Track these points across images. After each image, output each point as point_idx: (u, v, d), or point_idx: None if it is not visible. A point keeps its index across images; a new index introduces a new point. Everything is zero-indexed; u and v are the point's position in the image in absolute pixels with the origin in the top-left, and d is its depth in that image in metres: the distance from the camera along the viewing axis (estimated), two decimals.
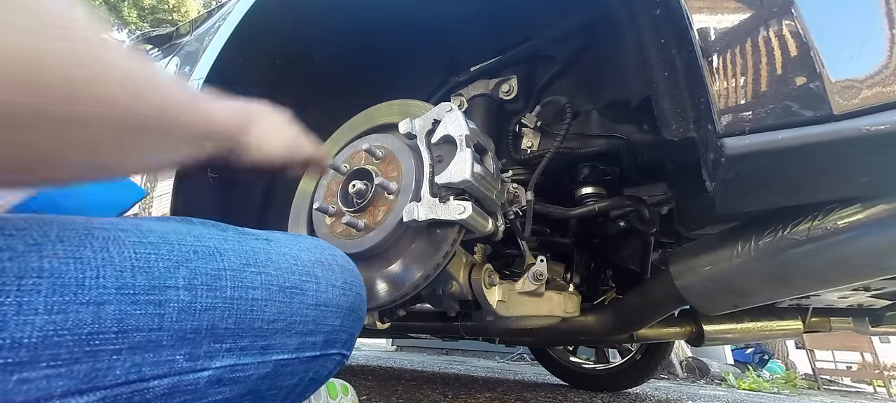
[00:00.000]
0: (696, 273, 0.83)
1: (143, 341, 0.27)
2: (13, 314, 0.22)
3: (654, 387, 2.58)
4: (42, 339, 0.23)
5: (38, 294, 0.23)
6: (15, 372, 0.22)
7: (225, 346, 0.32)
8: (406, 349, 5.22)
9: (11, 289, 0.23)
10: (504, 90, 1.00)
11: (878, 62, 0.46)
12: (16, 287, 0.23)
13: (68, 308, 0.24)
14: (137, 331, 0.27)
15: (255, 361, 0.34)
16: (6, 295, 0.22)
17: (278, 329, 0.36)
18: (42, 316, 0.23)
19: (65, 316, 0.24)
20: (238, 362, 0.33)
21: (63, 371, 0.24)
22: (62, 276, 0.25)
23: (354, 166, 0.82)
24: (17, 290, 0.23)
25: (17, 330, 0.22)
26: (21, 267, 0.23)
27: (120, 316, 0.26)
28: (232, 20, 0.99)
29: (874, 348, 4.88)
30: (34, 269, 0.24)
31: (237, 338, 0.32)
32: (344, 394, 0.92)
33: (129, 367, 0.26)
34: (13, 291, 0.23)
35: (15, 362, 0.22)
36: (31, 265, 0.24)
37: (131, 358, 0.27)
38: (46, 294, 0.24)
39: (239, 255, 0.34)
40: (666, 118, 0.65)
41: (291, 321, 0.37)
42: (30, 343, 0.23)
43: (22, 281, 0.23)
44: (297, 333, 0.37)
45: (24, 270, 0.23)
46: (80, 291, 0.25)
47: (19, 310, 0.23)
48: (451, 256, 0.70)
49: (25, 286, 0.23)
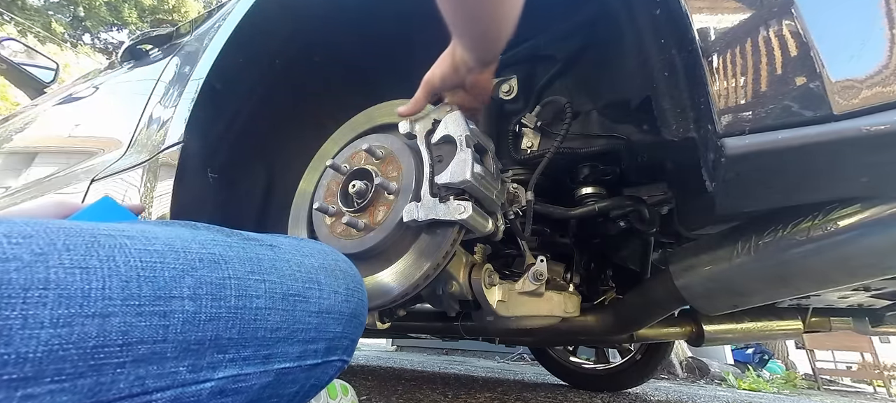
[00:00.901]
0: (696, 273, 0.83)
1: (148, 353, 0.27)
2: (18, 327, 0.22)
3: (654, 387, 2.58)
4: (47, 353, 0.23)
5: (44, 306, 0.23)
6: (19, 388, 0.22)
7: (228, 356, 0.31)
8: (406, 349, 5.22)
9: (17, 302, 0.22)
10: (504, 90, 1.00)
11: (878, 62, 0.46)
12: (22, 299, 0.22)
13: (74, 321, 0.24)
14: (142, 343, 0.27)
15: (257, 371, 0.34)
16: (12, 308, 0.22)
17: (281, 337, 0.35)
18: (47, 330, 0.23)
19: (70, 329, 0.24)
20: (241, 372, 0.32)
21: (67, 385, 0.23)
22: (68, 287, 0.24)
23: (354, 166, 0.82)
24: (23, 303, 0.22)
25: (22, 345, 0.22)
26: (27, 279, 0.23)
27: (125, 328, 0.26)
28: (232, 20, 0.99)
29: (874, 348, 4.88)
30: (40, 281, 0.23)
31: (240, 348, 0.32)
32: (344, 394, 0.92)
33: (132, 380, 0.26)
34: (19, 304, 0.22)
35: (20, 378, 0.22)
36: (37, 276, 0.23)
37: (135, 371, 0.26)
38: (52, 306, 0.23)
39: (243, 263, 0.34)
40: (666, 118, 0.65)
41: (294, 329, 0.36)
42: (35, 357, 0.22)
43: (28, 293, 0.23)
44: (300, 341, 0.37)
45: (30, 282, 0.23)
46: (86, 303, 0.25)
47: (25, 324, 0.22)
48: (452, 256, 0.69)
49: (31, 298, 0.23)
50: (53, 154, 1.69)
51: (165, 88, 1.20)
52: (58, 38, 13.84)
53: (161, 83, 1.24)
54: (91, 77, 1.86)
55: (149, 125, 1.16)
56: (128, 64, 1.64)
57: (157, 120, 1.12)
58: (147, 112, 1.22)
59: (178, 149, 0.96)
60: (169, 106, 1.09)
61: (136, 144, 1.19)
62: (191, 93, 1.00)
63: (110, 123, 1.44)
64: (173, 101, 1.08)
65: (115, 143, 1.29)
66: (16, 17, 13.06)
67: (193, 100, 0.98)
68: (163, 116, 1.10)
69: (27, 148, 1.84)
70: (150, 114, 1.20)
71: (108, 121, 1.49)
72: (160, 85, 1.24)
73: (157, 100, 1.21)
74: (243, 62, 1.02)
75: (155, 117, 1.15)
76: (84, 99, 1.66)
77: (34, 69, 2.25)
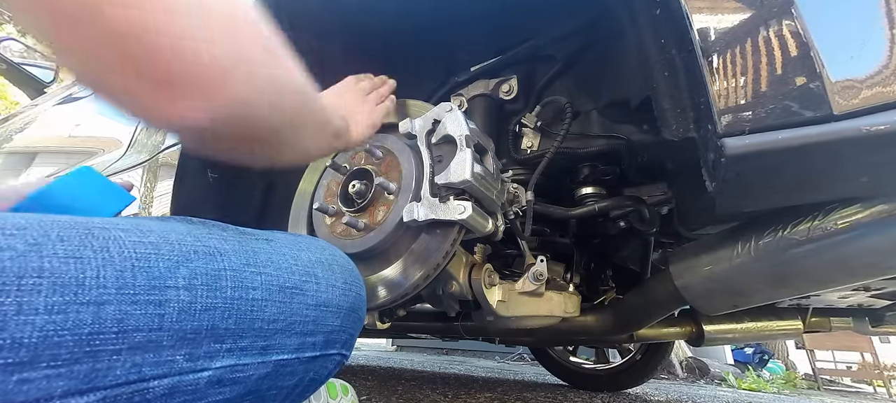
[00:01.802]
0: (695, 273, 0.83)
1: (144, 341, 0.27)
2: (13, 314, 0.22)
3: (654, 387, 2.57)
4: (42, 339, 0.23)
5: (39, 293, 0.23)
6: (15, 373, 0.22)
7: (225, 346, 0.32)
8: (406, 349, 5.22)
9: (11, 289, 0.23)
10: (504, 90, 1.00)
11: (878, 62, 0.46)
12: (16, 286, 0.23)
13: (68, 308, 0.24)
14: (138, 331, 0.27)
15: (255, 361, 0.34)
16: (6, 294, 0.22)
17: (278, 329, 0.36)
18: (42, 316, 0.23)
19: (65, 316, 0.24)
20: (238, 362, 0.33)
21: (63, 371, 0.24)
22: (62, 276, 0.24)
23: (354, 166, 0.82)
24: (18, 290, 0.23)
25: (17, 330, 0.22)
26: (21, 267, 0.23)
27: (120, 316, 0.26)
28: None
29: (874, 348, 4.88)
30: (34, 269, 0.24)
31: (237, 339, 0.32)
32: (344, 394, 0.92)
33: (129, 367, 0.26)
34: (13, 291, 0.23)
35: (15, 362, 0.22)
36: (31, 264, 0.24)
37: (131, 358, 0.27)
38: (47, 294, 0.24)
39: (239, 255, 0.34)
40: (666, 118, 0.65)
41: (291, 321, 0.37)
42: (30, 343, 0.23)
43: (22, 280, 0.23)
44: (297, 333, 0.37)
45: (25, 270, 0.23)
46: (81, 291, 0.25)
47: (19, 310, 0.23)
48: (451, 256, 0.70)
49: (25, 286, 0.23)
50: (53, 154, 1.69)
51: None
52: None
53: None
54: None
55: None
56: None
57: None
58: None
59: (178, 148, 0.96)
60: None
61: (136, 144, 1.19)
62: None
63: (110, 123, 1.44)
64: None
65: (115, 143, 1.29)
66: None
67: None
68: None
69: (27, 148, 1.84)
70: None
71: (108, 120, 1.49)
72: None
73: None
74: None
75: None
76: (84, 99, 1.66)
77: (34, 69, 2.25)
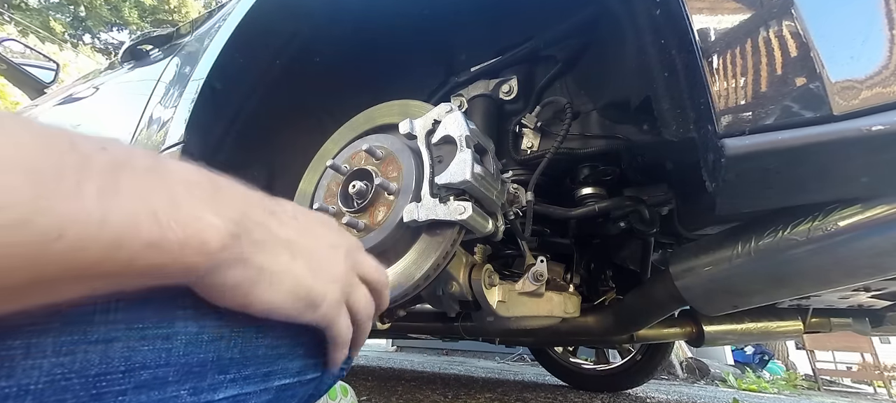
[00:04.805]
0: (695, 273, 0.83)
1: (150, 379, 0.26)
2: (21, 358, 0.21)
3: (654, 388, 2.57)
4: (49, 384, 0.22)
5: (47, 334, 0.22)
6: None
7: (229, 377, 0.30)
8: (406, 349, 5.22)
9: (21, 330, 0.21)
10: (504, 90, 1.00)
11: (877, 62, 0.46)
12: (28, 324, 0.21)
13: (77, 348, 0.23)
14: (144, 369, 0.25)
15: (257, 389, 0.33)
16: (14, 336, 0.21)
17: (282, 354, 0.34)
18: (50, 359, 0.22)
19: (73, 357, 0.22)
20: (241, 392, 0.31)
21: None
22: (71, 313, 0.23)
23: (354, 166, 0.82)
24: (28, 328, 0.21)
25: (24, 377, 0.21)
26: None
27: (128, 354, 0.25)
28: (232, 21, 0.99)
29: (874, 348, 4.88)
30: None
31: (241, 368, 0.31)
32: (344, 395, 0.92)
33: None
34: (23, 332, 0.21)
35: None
36: None
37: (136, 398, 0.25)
38: (55, 333, 0.22)
39: None
40: (666, 118, 0.65)
41: (295, 344, 0.35)
42: (36, 390, 0.21)
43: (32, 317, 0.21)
44: (300, 356, 0.36)
45: None
46: (90, 328, 0.23)
47: (28, 354, 0.21)
48: (452, 256, 0.69)
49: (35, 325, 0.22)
50: None
51: (166, 89, 1.20)
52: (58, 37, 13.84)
53: (161, 83, 1.24)
54: (91, 77, 1.86)
55: (149, 125, 1.17)
56: (128, 64, 1.64)
57: (158, 120, 1.12)
58: (147, 112, 1.22)
59: (179, 149, 0.96)
60: (169, 106, 1.09)
61: (136, 145, 1.19)
62: (191, 94, 1.00)
63: (110, 124, 1.44)
64: (173, 102, 1.08)
65: None
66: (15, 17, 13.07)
67: (193, 100, 0.98)
68: (163, 117, 1.10)
69: None
70: (150, 114, 1.20)
71: (108, 121, 1.49)
72: (160, 85, 1.24)
73: (157, 100, 1.21)
74: (243, 62, 1.02)
75: (155, 117, 1.15)
76: (84, 99, 1.66)
77: (34, 69, 2.26)
